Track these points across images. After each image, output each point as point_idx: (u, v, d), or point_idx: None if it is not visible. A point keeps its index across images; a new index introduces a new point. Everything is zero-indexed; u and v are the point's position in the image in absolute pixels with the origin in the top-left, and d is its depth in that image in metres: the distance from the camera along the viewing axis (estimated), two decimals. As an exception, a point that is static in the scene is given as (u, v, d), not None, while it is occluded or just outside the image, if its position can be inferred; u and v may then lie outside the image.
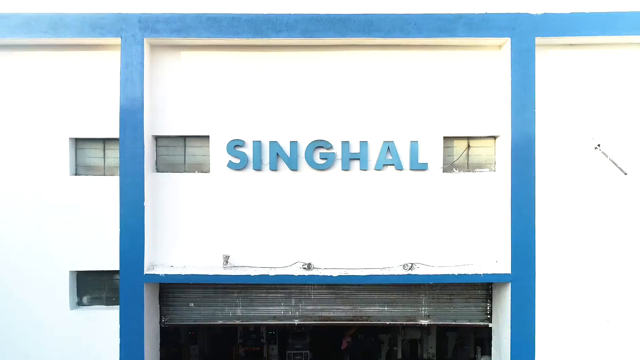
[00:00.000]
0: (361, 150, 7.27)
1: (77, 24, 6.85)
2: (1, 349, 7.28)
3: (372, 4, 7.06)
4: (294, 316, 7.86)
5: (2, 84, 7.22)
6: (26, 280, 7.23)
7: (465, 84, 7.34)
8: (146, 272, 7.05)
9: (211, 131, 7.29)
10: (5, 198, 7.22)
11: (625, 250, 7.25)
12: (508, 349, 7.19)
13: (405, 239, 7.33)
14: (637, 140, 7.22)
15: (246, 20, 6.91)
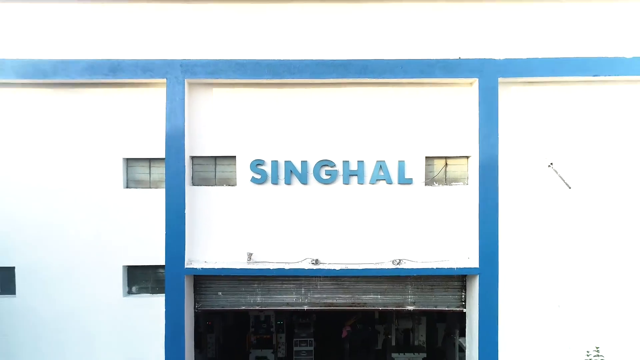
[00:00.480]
0: (358, 168, 9.00)
1: (131, 68, 8.60)
2: (69, 325, 8.99)
3: (367, 51, 8.80)
4: (304, 303, 9.58)
5: (70, 114, 8.95)
6: (89, 272, 8.96)
7: (443, 114, 9.06)
8: (186, 266, 8.79)
9: (237, 152, 9.02)
10: (72, 206, 8.94)
11: (571, 248, 8.97)
12: (477, 329, 8.92)
13: (394, 240, 9.05)
14: (580, 161, 8.95)
15: (266, 64, 8.65)
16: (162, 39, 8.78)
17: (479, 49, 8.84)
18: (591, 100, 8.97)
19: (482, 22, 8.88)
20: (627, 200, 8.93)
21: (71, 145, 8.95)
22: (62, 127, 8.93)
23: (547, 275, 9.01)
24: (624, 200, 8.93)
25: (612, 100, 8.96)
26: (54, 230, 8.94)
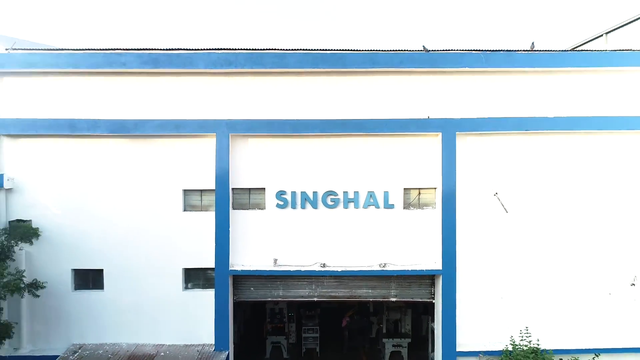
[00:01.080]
0: (354, 197, 12.32)
1: (190, 125, 11.93)
2: (142, 312, 12.29)
3: (361, 113, 12.13)
4: (314, 295, 12.89)
5: (145, 157, 12.27)
6: (157, 273, 12.28)
7: (416, 157, 12.39)
8: (230, 269, 12.11)
9: (266, 185, 12.35)
10: (146, 224, 12.25)
11: (509, 255, 12.30)
12: (441, 314, 12.25)
13: (380, 249, 12.37)
14: (516, 192, 12.28)
15: (288, 123, 12.01)
16: (213, 104, 12.14)
17: (442, 111, 12.19)
18: (524, 147, 12.32)
19: (445, 92, 12.25)
20: (546, 221, 12.28)
21: (146, 179, 12.28)
22: (140, 166, 12.27)
23: (492, 274, 12.34)
24: (545, 220, 12.28)
25: (539, 147, 12.31)
26: (133, 243, 12.26)
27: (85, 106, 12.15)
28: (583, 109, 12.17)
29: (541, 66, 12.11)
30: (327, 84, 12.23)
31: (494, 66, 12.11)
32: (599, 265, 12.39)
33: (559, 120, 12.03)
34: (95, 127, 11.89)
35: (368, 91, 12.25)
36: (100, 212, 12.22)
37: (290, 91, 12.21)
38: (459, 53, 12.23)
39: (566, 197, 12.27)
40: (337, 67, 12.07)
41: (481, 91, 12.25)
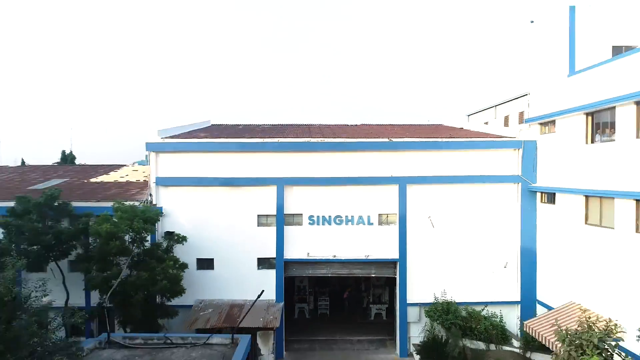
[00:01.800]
0: (351, 218, 22.49)
1: (263, 180, 22.11)
2: (234, 282, 22.37)
3: (355, 172, 22.32)
4: (328, 273, 23.04)
5: (235, 196, 22.42)
6: (244, 260, 22.39)
7: (385, 197, 22.55)
8: (284, 258, 22.26)
9: (302, 211, 22.50)
10: (238, 233, 22.36)
11: (434, 249, 22.49)
12: (398, 283, 22.43)
13: (366, 247, 22.52)
14: (440, 215, 22.48)
15: (317, 179, 22.22)
16: (274, 168, 22.31)
17: (399, 172, 22.41)
18: (441, 191, 22.50)
19: (400, 161, 22.46)
20: (454, 231, 22.49)
21: (237, 209, 22.43)
22: (235, 201, 22.43)
23: (426, 261, 22.51)
24: (453, 230, 22.49)
25: (447, 191, 22.49)
26: (230, 243, 22.36)
27: (206, 169, 22.35)
28: (465, 170, 22.44)
29: (445, 149, 22.38)
30: (336, 156, 22.48)
31: (425, 148, 22.40)
32: (486, 256, 22.58)
33: (454, 178, 22.30)
34: (213, 181, 22.13)
35: (359, 161, 22.49)
36: (213, 227, 22.38)
37: (316, 160, 22.46)
38: (407, 142, 22.50)
39: (463, 217, 22.52)
40: (342, 149, 22.37)
41: (421, 160, 22.50)
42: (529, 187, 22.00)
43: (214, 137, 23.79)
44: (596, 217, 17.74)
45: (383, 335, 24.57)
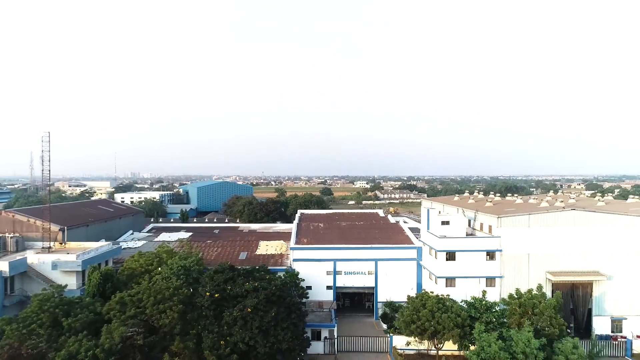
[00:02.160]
0: (357, 271, 65.94)
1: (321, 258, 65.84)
2: (317, 295, 65.67)
3: (360, 281, 65.99)
4: (349, 291, 66.47)
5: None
6: (322, 287, 65.86)
7: (368, 266, 66.02)
8: (336, 285, 65.73)
9: (342, 269, 65.98)
10: (321, 280, 65.89)
11: (392, 284, 66.04)
12: (375, 294, 65.87)
13: (365, 282, 65.95)
14: (390, 269, 65.98)
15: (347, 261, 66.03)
16: (329, 254, 65.97)
17: (375, 255, 66.00)
18: (396, 264, 66.02)
19: (377, 253, 66.01)
20: (398, 278, 66.10)
21: (321, 270, 66.05)
22: (321, 269, 66.08)
23: (379, 286, 66.04)
24: (397, 278, 66.09)
25: (397, 264, 66.02)
26: (316, 283, 65.85)
27: (312, 254, 66.02)
28: (397, 255, 66.07)
29: (394, 248, 66.18)
30: (349, 254, 66.09)
31: (386, 248, 66.19)
32: (405, 290, 66.00)
33: (396, 259, 66.00)
34: (318, 261, 65.88)
35: (353, 253, 66.07)
36: (314, 277, 65.88)
37: (345, 257, 66.23)
38: (380, 246, 66.17)
39: (396, 272, 66.07)
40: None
41: (385, 252, 66.11)
42: (419, 263, 65.66)
43: (312, 244, 67.44)
44: (439, 277, 61.53)
45: (370, 314, 67.79)
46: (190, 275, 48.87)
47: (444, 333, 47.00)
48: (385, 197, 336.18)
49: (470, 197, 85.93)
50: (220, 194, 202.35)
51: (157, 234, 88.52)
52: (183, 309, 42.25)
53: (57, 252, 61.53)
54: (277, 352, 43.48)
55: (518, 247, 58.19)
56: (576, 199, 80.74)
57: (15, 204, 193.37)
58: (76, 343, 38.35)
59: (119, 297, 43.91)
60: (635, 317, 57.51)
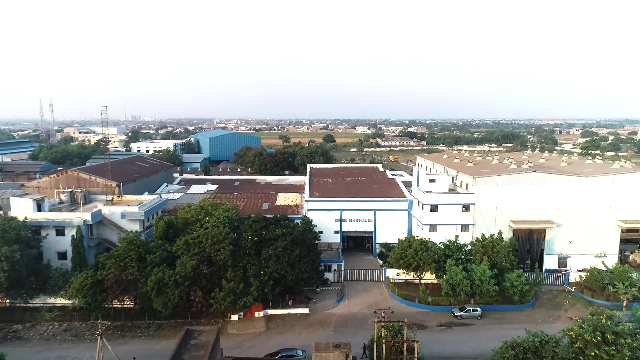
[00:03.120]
0: (360, 219, 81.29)
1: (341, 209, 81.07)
2: (326, 238, 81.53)
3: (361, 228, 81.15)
4: (353, 234, 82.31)
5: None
6: (331, 231, 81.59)
7: (368, 215, 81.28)
8: (342, 230, 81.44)
9: (347, 217, 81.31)
10: (330, 225, 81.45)
11: (385, 230, 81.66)
12: (373, 237, 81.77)
13: (365, 227, 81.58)
14: (387, 219, 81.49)
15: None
16: (336, 205, 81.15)
17: (373, 206, 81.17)
18: (393, 214, 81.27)
19: (375, 204, 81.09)
20: (395, 224, 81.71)
21: (330, 217, 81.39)
22: (330, 216, 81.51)
23: (378, 231, 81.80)
24: (395, 223, 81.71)
25: (394, 213, 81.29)
26: (326, 227, 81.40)
27: (324, 204, 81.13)
28: (394, 205, 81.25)
29: (391, 201, 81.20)
30: (352, 205, 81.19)
31: (385, 200, 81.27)
32: (397, 233, 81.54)
33: (394, 209, 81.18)
34: (329, 210, 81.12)
35: (361, 204, 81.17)
36: (325, 222, 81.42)
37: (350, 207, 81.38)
38: (379, 199, 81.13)
39: (393, 219, 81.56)
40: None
41: (382, 204, 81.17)
42: (410, 213, 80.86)
43: (323, 197, 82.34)
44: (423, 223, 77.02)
45: (369, 253, 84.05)
46: (233, 223, 63.83)
47: (424, 266, 62.92)
48: (386, 145, 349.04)
49: (456, 157, 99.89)
50: (231, 144, 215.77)
51: (187, 186, 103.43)
52: (232, 249, 57.69)
53: (118, 204, 76.62)
54: (300, 280, 59.64)
55: (488, 201, 73.06)
56: (546, 159, 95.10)
57: (40, 153, 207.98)
58: (160, 272, 54.17)
59: (183, 240, 59.34)
60: (577, 255, 73.51)
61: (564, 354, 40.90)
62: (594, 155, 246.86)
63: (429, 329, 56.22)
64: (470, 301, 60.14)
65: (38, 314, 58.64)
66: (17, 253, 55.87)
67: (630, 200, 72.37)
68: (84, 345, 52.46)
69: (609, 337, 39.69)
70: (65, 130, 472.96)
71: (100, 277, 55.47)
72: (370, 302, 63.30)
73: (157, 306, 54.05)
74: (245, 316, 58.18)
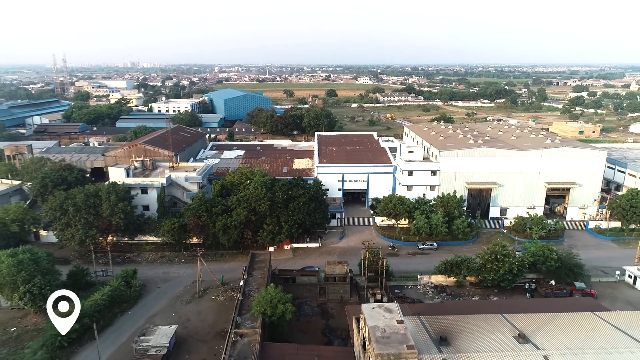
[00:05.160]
0: (358, 179, 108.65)
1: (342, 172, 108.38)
2: (331, 193, 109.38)
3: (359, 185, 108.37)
4: (352, 191, 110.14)
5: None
6: (335, 189, 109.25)
7: (362, 177, 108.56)
8: (344, 188, 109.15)
9: (347, 179, 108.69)
10: (334, 184, 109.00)
11: (373, 188, 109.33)
12: (367, 193, 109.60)
13: (361, 186, 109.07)
14: (381, 183, 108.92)
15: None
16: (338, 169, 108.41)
17: (367, 170, 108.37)
18: (381, 176, 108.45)
19: (368, 169, 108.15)
20: (382, 185, 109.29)
21: (333, 180, 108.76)
22: (334, 179, 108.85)
23: (370, 189, 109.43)
24: (383, 185, 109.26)
25: (380, 176, 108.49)
26: (332, 185, 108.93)
27: (329, 169, 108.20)
28: (380, 170, 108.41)
29: (380, 166, 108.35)
30: (352, 170, 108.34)
31: (379, 166, 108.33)
32: (381, 191, 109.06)
33: (381, 172, 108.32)
34: (334, 173, 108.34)
35: (360, 169, 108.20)
36: (331, 182, 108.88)
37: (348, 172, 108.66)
38: (370, 165, 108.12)
39: (377, 182, 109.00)
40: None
41: (377, 169, 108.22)
42: (394, 175, 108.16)
43: (329, 163, 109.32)
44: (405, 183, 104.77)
45: (364, 205, 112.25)
46: (267, 185, 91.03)
47: (400, 215, 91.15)
48: (385, 100, 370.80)
49: (433, 130, 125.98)
50: (244, 104, 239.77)
51: (220, 151, 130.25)
52: (269, 203, 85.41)
53: (177, 170, 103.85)
54: (315, 224, 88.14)
55: (450, 168, 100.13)
56: (504, 131, 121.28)
57: (72, 114, 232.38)
58: (224, 219, 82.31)
59: (236, 197, 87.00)
60: (514, 207, 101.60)
61: (473, 266, 70.02)
62: (574, 115, 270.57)
63: (400, 256, 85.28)
64: (430, 238, 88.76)
65: (140, 247, 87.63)
66: (127, 207, 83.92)
67: (553, 167, 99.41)
68: (177, 266, 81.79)
69: (500, 257, 68.32)
70: (77, 84, 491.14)
71: (183, 222, 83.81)
72: (363, 239, 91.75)
73: (222, 241, 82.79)
74: (279, 248, 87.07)
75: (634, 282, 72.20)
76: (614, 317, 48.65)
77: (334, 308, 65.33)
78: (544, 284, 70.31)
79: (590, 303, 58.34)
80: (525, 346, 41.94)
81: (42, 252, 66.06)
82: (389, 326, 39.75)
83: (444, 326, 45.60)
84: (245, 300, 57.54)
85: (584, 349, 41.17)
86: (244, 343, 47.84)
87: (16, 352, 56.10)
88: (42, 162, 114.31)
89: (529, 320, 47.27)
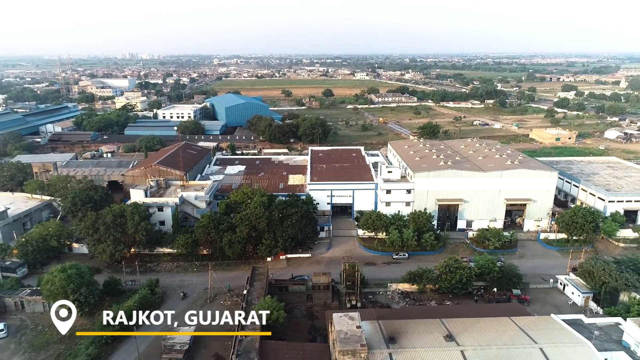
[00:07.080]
0: (344, 195, 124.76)
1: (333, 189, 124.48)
2: (321, 207, 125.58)
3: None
4: (339, 205, 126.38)
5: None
6: (324, 203, 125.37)
7: (348, 192, 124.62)
8: (332, 203, 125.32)
9: (335, 194, 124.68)
10: (323, 199, 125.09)
11: (357, 201, 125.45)
12: (352, 207, 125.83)
13: (348, 200, 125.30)
14: (364, 198, 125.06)
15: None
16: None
17: (352, 187, 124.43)
18: (364, 192, 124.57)
19: (353, 185, 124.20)
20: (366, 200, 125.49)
21: (324, 196, 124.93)
22: (324, 195, 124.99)
23: (356, 203, 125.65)
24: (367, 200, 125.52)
25: (364, 192, 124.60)
26: (322, 201, 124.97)
27: (320, 186, 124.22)
28: (364, 186, 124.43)
29: (368, 186, 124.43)
30: (343, 186, 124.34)
31: (365, 186, 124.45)
32: (365, 205, 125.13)
33: (365, 189, 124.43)
34: (324, 189, 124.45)
35: (350, 186, 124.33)
36: (321, 198, 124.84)
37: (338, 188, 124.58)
38: (357, 183, 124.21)
39: (362, 197, 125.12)
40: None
41: (363, 186, 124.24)
42: (376, 192, 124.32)
43: (319, 181, 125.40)
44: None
45: (349, 217, 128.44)
46: (265, 204, 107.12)
47: (378, 229, 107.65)
48: (379, 101, 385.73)
49: (412, 149, 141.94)
50: (244, 112, 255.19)
51: (224, 166, 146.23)
52: (267, 221, 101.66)
53: (187, 189, 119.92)
54: (306, 237, 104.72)
55: (423, 187, 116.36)
56: (474, 149, 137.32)
57: (82, 122, 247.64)
58: (229, 235, 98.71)
59: (239, 216, 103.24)
60: (478, 220, 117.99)
61: (432, 276, 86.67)
62: (556, 119, 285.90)
63: (377, 265, 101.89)
64: (403, 249, 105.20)
65: (158, 257, 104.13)
66: (149, 225, 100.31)
67: (511, 186, 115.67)
68: (191, 274, 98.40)
69: (452, 269, 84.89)
70: (81, 84, 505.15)
71: (194, 238, 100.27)
72: (347, 250, 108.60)
73: (228, 254, 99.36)
74: (275, 258, 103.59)
75: (564, 288, 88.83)
76: (523, 320, 65.08)
77: (318, 311, 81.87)
78: (489, 291, 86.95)
79: (516, 308, 74.86)
80: (450, 343, 58.41)
81: (85, 267, 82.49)
82: (350, 330, 56.26)
83: (395, 328, 62.03)
84: (248, 307, 74.06)
85: (490, 345, 57.72)
86: (248, 340, 64.31)
87: (71, 347, 72.80)
88: (67, 179, 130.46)
89: (459, 323, 63.72)
